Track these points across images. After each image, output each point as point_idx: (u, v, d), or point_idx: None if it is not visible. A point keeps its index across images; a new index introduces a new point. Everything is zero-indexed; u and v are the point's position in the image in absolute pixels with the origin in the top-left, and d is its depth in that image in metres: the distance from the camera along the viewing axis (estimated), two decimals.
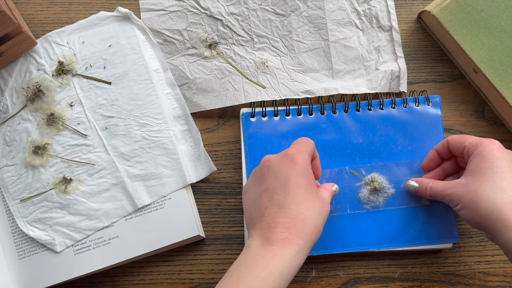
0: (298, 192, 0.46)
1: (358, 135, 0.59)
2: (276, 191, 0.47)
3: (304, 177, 0.47)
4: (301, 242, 0.45)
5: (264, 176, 0.48)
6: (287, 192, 0.46)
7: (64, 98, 0.61)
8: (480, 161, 0.50)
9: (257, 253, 0.44)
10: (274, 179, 0.47)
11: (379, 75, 0.62)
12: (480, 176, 0.49)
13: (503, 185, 0.47)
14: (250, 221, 0.48)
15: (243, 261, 0.45)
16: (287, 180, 0.47)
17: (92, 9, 0.64)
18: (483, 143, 0.50)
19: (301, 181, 0.47)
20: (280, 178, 0.47)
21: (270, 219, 0.46)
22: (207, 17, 0.63)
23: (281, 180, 0.47)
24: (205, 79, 0.62)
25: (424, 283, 0.59)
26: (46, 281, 0.58)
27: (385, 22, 0.63)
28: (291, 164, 0.47)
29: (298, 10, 0.63)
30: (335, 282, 0.60)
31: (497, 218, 0.46)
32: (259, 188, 0.48)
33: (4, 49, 0.58)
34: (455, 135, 0.54)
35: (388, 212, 0.58)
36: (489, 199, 0.47)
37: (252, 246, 0.45)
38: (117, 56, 0.61)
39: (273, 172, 0.47)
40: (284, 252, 0.44)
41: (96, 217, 0.59)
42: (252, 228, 0.47)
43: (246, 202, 0.50)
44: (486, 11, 0.59)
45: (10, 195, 0.60)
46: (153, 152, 0.59)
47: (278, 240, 0.44)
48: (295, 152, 0.48)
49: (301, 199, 0.46)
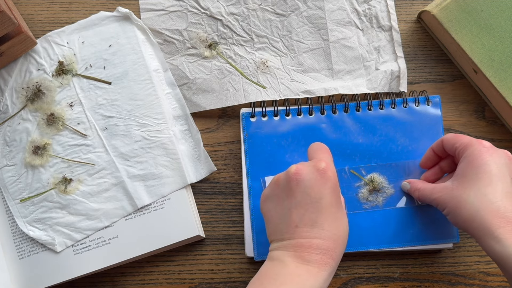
0: (331, 211, 0.45)
1: (358, 135, 0.59)
2: (308, 209, 0.45)
3: (335, 194, 0.46)
4: (333, 264, 0.45)
5: (293, 190, 0.46)
6: (319, 210, 0.45)
7: (64, 98, 0.61)
8: (467, 165, 0.49)
9: (294, 271, 0.44)
10: (305, 195, 0.45)
11: (379, 75, 0.62)
12: (466, 181, 0.48)
13: (487, 191, 0.47)
14: (276, 233, 0.47)
15: (279, 276, 0.44)
16: (319, 199, 0.45)
17: (92, 9, 0.64)
18: (472, 146, 0.49)
19: (333, 200, 0.46)
20: (312, 195, 0.45)
21: (302, 238, 0.45)
22: (207, 17, 0.63)
23: (313, 198, 0.45)
24: (205, 79, 0.62)
25: (424, 283, 0.59)
26: (46, 281, 0.58)
27: (385, 22, 0.63)
28: (323, 181, 0.46)
29: (298, 10, 0.63)
30: (335, 282, 0.60)
31: (479, 226, 0.46)
32: (288, 203, 0.46)
33: (4, 49, 0.58)
34: (449, 134, 0.54)
35: (387, 212, 0.58)
36: (472, 206, 0.47)
37: (287, 262, 0.44)
38: (117, 56, 0.61)
39: (304, 187, 0.46)
40: (320, 273, 0.44)
41: (96, 217, 0.59)
42: (280, 242, 0.46)
43: (270, 213, 0.48)
44: (486, 11, 0.59)
45: (10, 195, 0.60)
46: (153, 152, 0.59)
47: (314, 261, 0.44)
48: (327, 167, 0.46)
49: (333, 218, 0.46)
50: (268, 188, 0.49)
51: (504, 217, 0.45)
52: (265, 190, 0.50)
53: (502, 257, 0.44)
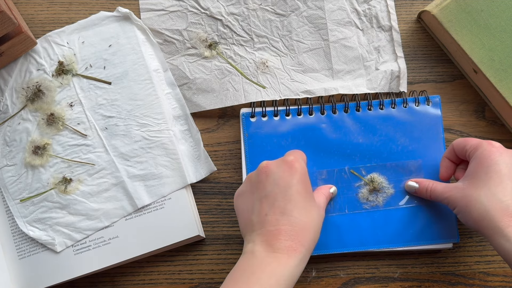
0: (299, 199, 0.47)
1: (358, 135, 0.59)
2: (277, 198, 0.47)
3: (304, 184, 0.48)
4: (303, 250, 0.46)
5: (263, 182, 0.48)
6: (288, 199, 0.47)
7: (64, 98, 0.61)
8: (477, 165, 0.50)
9: (263, 260, 0.45)
10: (274, 186, 0.47)
11: (379, 75, 0.62)
12: (476, 181, 0.49)
13: (496, 190, 0.48)
14: (247, 226, 0.48)
15: (249, 267, 0.45)
16: (288, 187, 0.47)
17: (92, 9, 0.64)
18: (481, 146, 0.50)
19: (300, 188, 0.47)
20: (281, 185, 0.47)
21: (272, 226, 0.46)
22: (207, 17, 0.63)
23: (281, 187, 0.47)
24: (205, 79, 0.62)
25: (424, 283, 0.59)
26: (46, 281, 0.58)
27: (385, 22, 0.63)
28: (291, 171, 0.48)
29: (298, 10, 0.63)
30: (335, 282, 0.60)
31: (488, 225, 0.47)
32: (258, 194, 0.48)
33: (4, 49, 0.58)
34: (460, 138, 0.54)
35: (387, 212, 0.58)
36: (482, 205, 0.48)
37: (256, 253, 0.45)
38: (117, 56, 0.61)
39: (273, 179, 0.48)
40: (289, 260, 0.45)
41: (96, 217, 0.59)
42: (251, 233, 0.47)
43: (240, 206, 0.50)
44: (486, 11, 0.59)
45: (10, 195, 0.60)
46: (153, 152, 0.59)
47: (283, 248, 0.45)
48: (294, 160, 0.48)
49: (302, 206, 0.47)
50: (242, 186, 0.51)
51: None
52: (238, 188, 0.51)
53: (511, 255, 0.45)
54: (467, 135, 0.62)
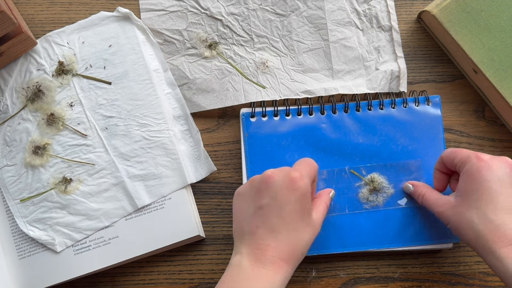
0: (293, 218, 0.46)
1: (358, 135, 0.59)
2: (271, 213, 0.46)
3: (302, 203, 0.47)
4: (289, 269, 0.46)
5: (262, 192, 0.47)
6: (282, 216, 0.46)
7: (64, 98, 0.61)
8: (467, 182, 0.49)
9: (250, 275, 0.45)
10: (271, 199, 0.47)
11: (379, 75, 0.62)
12: (466, 198, 0.48)
13: (487, 210, 0.47)
14: (238, 232, 0.49)
15: (235, 281, 0.45)
16: (284, 205, 0.46)
17: (92, 9, 0.64)
18: (470, 161, 0.49)
19: (298, 208, 0.47)
20: (278, 200, 0.46)
21: (261, 240, 0.46)
22: (207, 17, 0.63)
23: (278, 202, 0.46)
24: (205, 79, 0.62)
25: (424, 283, 0.59)
26: (46, 281, 0.58)
27: (385, 22, 0.63)
28: (292, 189, 0.47)
29: (298, 10, 0.63)
30: (335, 282, 0.60)
31: (482, 246, 0.47)
32: (254, 203, 0.48)
33: (4, 49, 0.58)
34: (448, 150, 0.52)
35: (388, 212, 0.58)
36: (473, 225, 0.47)
37: (243, 267, 0.46)
38: (117, 56, 0.61)
39: (273, 191, 0.47)
40: (275, 277, 0.45)
41: (96, 217, 0.59)
42: (240, 242, 0.48)
43: (237, 207, 0.50)
44: (486, 11, 0.59)
45: (10, 195, 0.60)
46: (153, 152, 0.59)
47: (269, 263, 0.45)
48: (299, 177, 0.47)
49: (293, 227, 0.47)
50: (243, 186, 0.51)
51: (505, 235, 0.46)
52: (240, 187, 0.51)
53: (507, 276, 0.45)
54: (467, 135, 0.62)
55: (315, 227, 0.49)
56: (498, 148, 0.62)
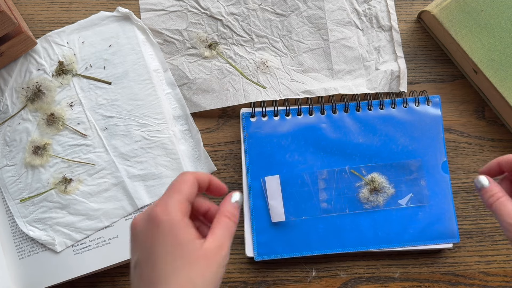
0: (166, 262, 0.38)
1: (358, 135, 0.59)
2: (144, 267, 0.39)
3: (172, 239, 0.39)
4: None
5: (133, 247, 0.41)
6: (153, 266, 0.39)
7: (64, 98, 0.61)
8: None
9: None
10: (140, 251, 0.40)
11: (379, 75, 0.62)
12: None
13: None
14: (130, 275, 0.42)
15: None
16: (152, 251, 0.39)
17: (92, 9, 0.64)
18: None
19: (168, 247, 0.38)
20: (146, 248, 0.39)
21: None
22: (207, 17, 0.63)
23: (146, 252, 0.39)
24: (205, 79, 0.62)
25: (424, 283, 0.59)
26: (46, 281, 0.58)
27: (385, 22, 0.63)
28: (154, 227, 0.39)
29: (298, 10, 0.63)
30: (335, 282, 0.60)
31: None
32: (132, 260, 0.41)
33: (4, 49, 0.58)
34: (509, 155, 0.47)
35: (388, 212, 0.58)
36: None
37: None
38: (117, 56, 0.61)
39: (139, 242, 0.40)
40: None
41: (96, 217, 0.59)
42: None
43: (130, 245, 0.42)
44: (486, 11, 0.59)
45: (10, 195, 0.60)
46: (153, 152, 0.59)
47: None
48: (160, 211, 0.39)
49: (170, 271, 0.38)
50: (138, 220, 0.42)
51: None
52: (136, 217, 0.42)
53: None
54: (467, 135, 0.62)
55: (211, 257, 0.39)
56: (498, 148, 0.62)
